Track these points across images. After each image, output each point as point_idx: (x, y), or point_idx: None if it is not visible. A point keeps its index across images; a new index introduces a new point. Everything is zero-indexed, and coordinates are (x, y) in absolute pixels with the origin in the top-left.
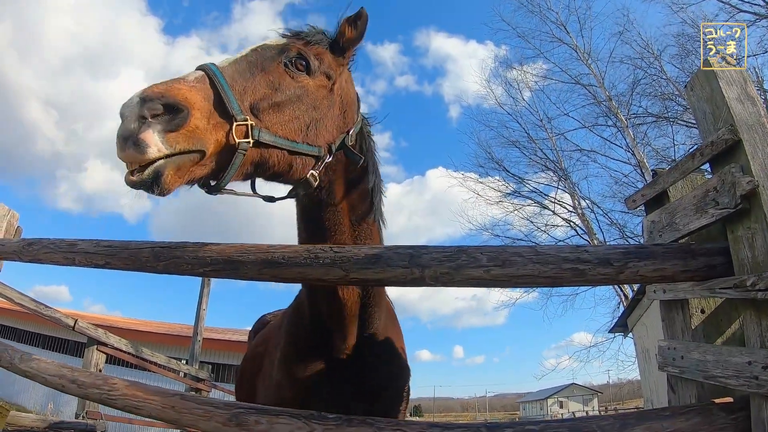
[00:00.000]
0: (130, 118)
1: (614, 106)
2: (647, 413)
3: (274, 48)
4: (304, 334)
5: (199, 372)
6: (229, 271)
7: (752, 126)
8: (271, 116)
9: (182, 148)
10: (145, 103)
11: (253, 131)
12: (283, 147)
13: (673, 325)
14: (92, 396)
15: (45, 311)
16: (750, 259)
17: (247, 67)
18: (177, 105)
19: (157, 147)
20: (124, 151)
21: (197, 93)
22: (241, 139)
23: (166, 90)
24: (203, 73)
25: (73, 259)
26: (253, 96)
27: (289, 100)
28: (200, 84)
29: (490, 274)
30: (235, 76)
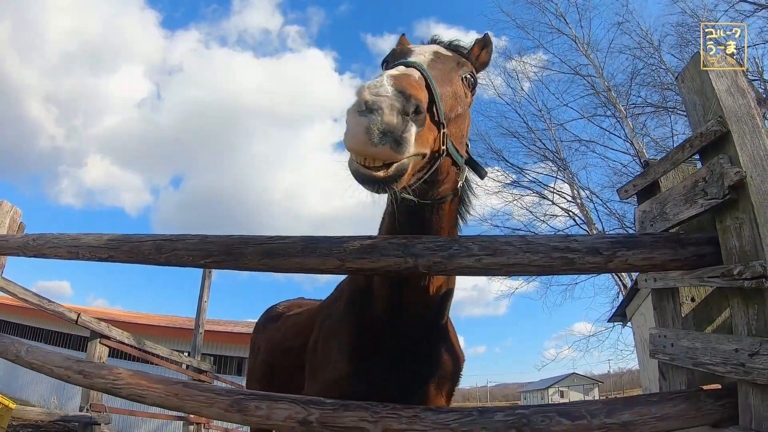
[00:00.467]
0: (390, 111)
1: (613, 96)
2: (635, 399)
3: (451, 60)
4: (370, 327)
5: (200, 364)
6: (230, 262)
7: (741, 117)
8: (452, 126)
9: (420, 150)
10: (406, 98)
11: (447, 140)
12: (454, 157)
13: (664, 313)
14: (98, 385)
15: (48, 306)
16: (738, 249)
17: (439, 74)
18: (419, 104)
19: (414, 147)
20: (377, 146)
21: (424, 94)
22: (443, 146)
23: (410, 86)
24: (420, 74)
25: (77, 252)
26: (445, 105)
27: (461, 114)
28: (422, 84)
29: (481, 263)
30: (436, 82)
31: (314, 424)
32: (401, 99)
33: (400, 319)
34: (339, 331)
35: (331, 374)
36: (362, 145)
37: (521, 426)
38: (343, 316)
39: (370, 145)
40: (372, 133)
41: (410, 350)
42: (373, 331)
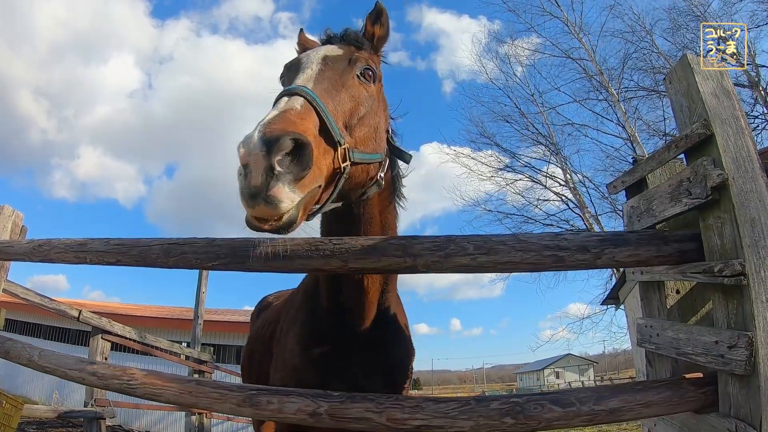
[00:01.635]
0: (255, 171)
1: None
2: (622, 387)
3: (342, 59)
4: (320, 318)
5: (201, 354)
6: (236, 265)
7: (726, 120)
8: (359, 131)
9: (309, 189)
10: (270, 148)
11: (349, 153)
12: (367, 162)
13: (650, 304)
14: (113, 386)
15: (50, 304)
16: (719, 247)
17: (330, 85)
18: (300, 140)
19: (290, 199)
20: (253, 208)
21: (309, 123)
22: (344, 164)
23: (285, 125)
24: (304, 100)
25: (85, 258)
26: (344, 115)
27: (367, 113)
28: (308, 113)
29: (476, 262)
30: (326, 97)
31: (323, 416)
32: (265, 153)
33: (343, 313)
34: (295, 322)
35: (289, 362)
36: (245, 207)
37: (515, 413)
38: (299, 309)
39: (249, 209)
40: (246, 197)
41: (355, 343)
42: (322, 323)
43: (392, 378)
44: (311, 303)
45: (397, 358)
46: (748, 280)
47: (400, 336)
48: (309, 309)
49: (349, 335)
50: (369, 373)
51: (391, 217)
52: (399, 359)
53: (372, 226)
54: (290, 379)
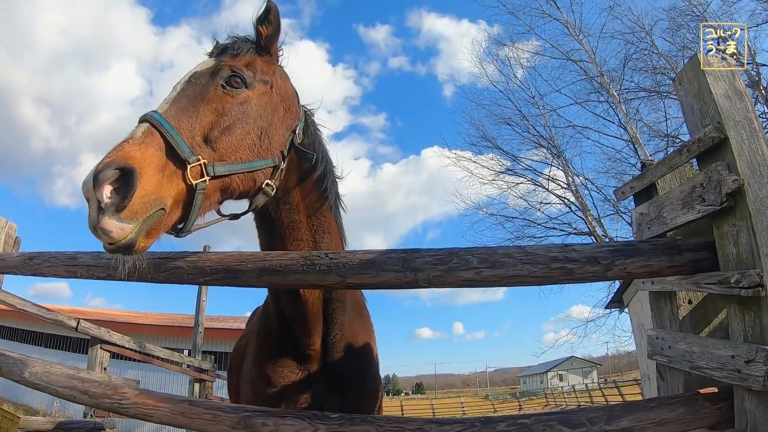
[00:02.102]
0: (91, 206)
1: (606, 81)
2: (633, 405)
3: (206, 73)
4: (273, 332)
5: (202, 363)
6: (229, 280)
7: (739, 122)
8: (225, 142)
9: (143, 216)
10: (96, 181)
11: (207, 168)
12: (241, 171)
13: (661, 315)
14: (104, 405)
15: (47, 315)
16: (735, 256)
17: (188, 102)
18: (125, 168)
19: (118, 228)
20: (99, 236)
21: (148, 147)
22: (198, 180)
23: (114, 156)
24: (148, 125)
25: (75, 272)
26: (203, 129)
27: (237, 121)
28: (149, 138)
29: (481, 276)
30: (180, 116)
31: None
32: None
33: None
34: (253, 334)
35: (248, 374)
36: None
37: None
38: (257, 324)
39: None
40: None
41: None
42: (274, 336)
43: (353, 394)
44: (266, 315)
45: (356, 373)
46: (767, 291)
47: (357, 349)
48: (264, 321)
49: (299, 350)
50: (327, 389)
51: (327, 222)
52: (358, 374)
53: (297, 231)
54: (249, 391)
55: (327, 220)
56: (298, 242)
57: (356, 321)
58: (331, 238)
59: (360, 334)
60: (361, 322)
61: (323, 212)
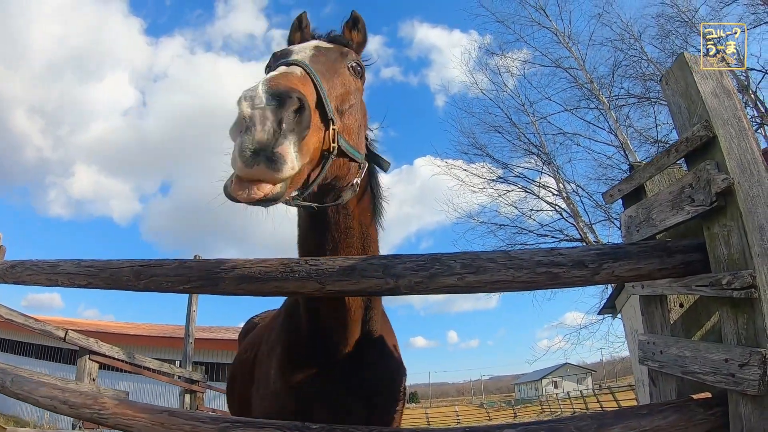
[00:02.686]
0: (260, 126)
1: (596, 88)
2: (625, 412)
3: (334, 51)
4: (302, 341)
5: (192, 374)
6: (209, 288)
7: (728, 120)
8: (346, 119)
9: (303, 160)
10: (278, 103)
11: (338, 137)
12: (349, 154)
13: (652, 319)
14: (84, 416)
15: (35, 325)
16: (726, 257)
17: (324, 68)
18: (303, 101)
19: (292, 162)
20: (251, 168)
21: (309, 89)
22: (333, 144)
23: (290, 83)
24: (303, 70)
25: (56, 280)
26: (335, 99)
27: (354, 105)
28: (306, 81)
29: (464, 282)
30: (321, 76)
31: None
32: (274, 106)
33: (324, 335)
34: (275, 346)
35: (270, 387)
36: (241, 167)
37: None
38: (279, 332)
39: (247, 167)
40: (244, 153)
41: (338, 367)
42: (302, 346)
43: (378, 403)
44: (292, 325)
45: (384, 382)
46: (760, 292)
47: (386, 357)
48: (289, 331)
49: (332, 358)
50: (353, 398)
51: (373, 233)
52: (385, 383)
53: (350, 238)
54: (270, 405)
55: (373, 232)
56: (350, 249)
57: (385, 326)
58: (375, 248)
59: (389, 340)
60: (388, 327)
61: (372, 224)
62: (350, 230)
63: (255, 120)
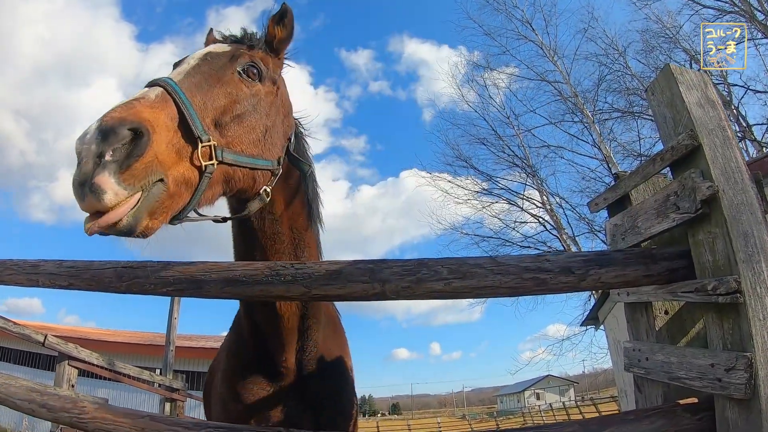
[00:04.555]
0: (85, 159)
1: (580, 102)
2: (610, 418)
3: (224, 56)
4: (244, 348)
5: (173, 382)
6: (192, 291)
7: (712, 130)
8: (232, 130)
9: (141, 183)
10: (104, 136)
11: (217, 152)
12: (245, 165)
13: (637, 327)
14: (62, 420)
15: (14, 328)
16: (711, 263)
17: (203, 79)
18: (139, 129)
19: (114, 191)
20: (83, 199)
21: (160, 112)
22: (207, 162)
23: (126, 114)
24: (162, 90)
25: (37, 280)
26: (214, 111)
27: (247, 112)
28: (162, 103)
29: (451, 287)
30: (194, 90)
31: None
32: (98, 141)
33: (262, 341)
34: (223, 351)
35: (219, 393)
36: (76, 200)
37: None
38: (228, 338)
39: (79, 199)
40: (75, 186)
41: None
42: (246, 353)
43: (327, 412)
44: (237, 330)
45: (331, 391)
46: (745, 297)
47: (332, 366)
48: (235, 337)
49: (274, 365)
50: (301, 406)
51: (307, 237)
52: (333, 392)
53: (279, 244)
54: (220, 409)
55: (307, 234)
56: (279, 255)
57: (330, 337)
58: (311, 253)
59: (335, 350)
60: (336, 338)
61: (304, 226)
62: (278, 236)
63: (83, 155)
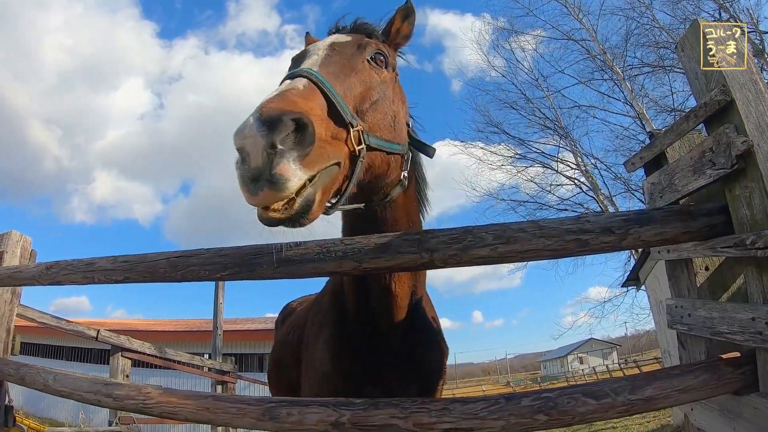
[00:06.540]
0: (254, 153)
1: (609, 59)
2: (657, 373)
3: (350, 45)
4: (350, 324)
5: (223, 365)
6: (246, 273)
7: (744, 84)
8: (371, 116)
9: (321, 166)
10: (268, 128)
11: (364, 136)
12: (384, 149)
13: (679, 284)
14: (129, 407)
15: (67, 326)
16: (749, 218)
17: (338, 68)
18: (301, 119)
19: (298, 177)
20: (256, 194)
21: (312, 102)
22: (359, 146)
23: (284, 104)
24: (308, 81)
25: (93, 277)
26: (354, 99)
27: (380, 98)
28: (312, 92)
29: (496, 252)
30: (333, 80)
31: (347, 425)
32: (264, 132)
33: (372, 318)
34: (323, 327)
35: (319, 370)
36: (248, 197)
37: (548, 409)
38: (326, 314)
39: (250, 196)
40: (246, 183)
41: (387, 347)
42: (350, 329)
43: (427, 382)
44: (338, 307)
45: (433, 361)
46: None
47: (434, 338)
48: (336, 313)
49: (381, 340)
50: (404, 378)
51: (417, 222)
52: (434, 362)
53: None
54: (321, 387)
55: (417, 220)
56: None
57: (428, 307)
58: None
59: (432, 321)
60: (430, 308)
61: (416, 214)
62: (397, 222)
63: (247, 149)
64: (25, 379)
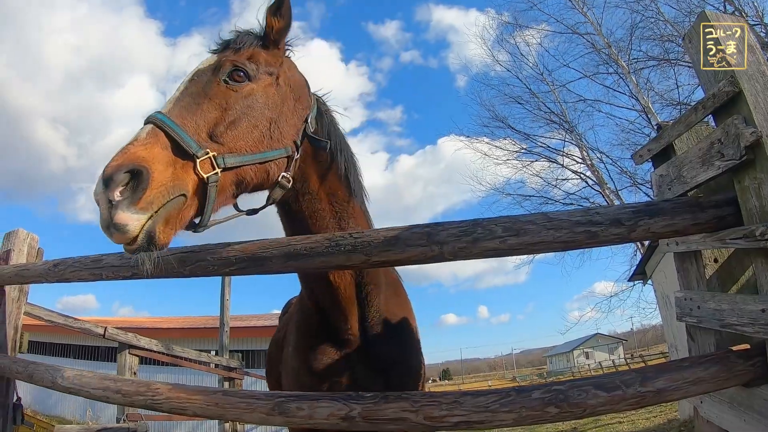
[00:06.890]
0: (102, 207)
1: (614, 52)
2: (667, 366)
3: (208, 70)
4: (310, 320)
5: (230, 362)
6: (255, 268)
7: (752, 76)
8: (231, 135)
9: (161, 202)
10: (105, 185)
11: (217, 160)
12: (252, 162)
13: (688, 276)
14: (138, 403)
15: (74, 324)
16: (758, 209)
17: (191, 100)
18: (134, 169)
19: (134, 220)
20: (112, 236)
21: (153, 147)
22: (209, 173)
23: (122, 159)
24: (152, 126)
25: (100, 274)
26: (207, 125)
27: (243, 114)
28: (154, 138)
29: (506, 244)
30: (184, 114)
31: (357, 419)
32: (103, 189)
33: (324, 312)
34: (291, 323)
35: (290, 364)
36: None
37: (559, 402)
38: (295, 313)
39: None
40: (104, 230)
41: (346, 342)
42: (311, 324)
43: (395, 375)
44: (303, 305)
45: (397, 353)
46: None
47: (396, 329)
48: (301, 311)
49: (339, 334)
50: (370, 371)
51: (351, 208)
52: (399, 354)
53: (321, 220)
54: (292, 381)
55: (350, 206)
56: (324, 231)
57: (393, 300)
58: (357, 222)
59: (398, 313)
60: (398, 300)
61: (345, 198)
62: (318, 212)
63: (99, 205)
64: (33, 376)
